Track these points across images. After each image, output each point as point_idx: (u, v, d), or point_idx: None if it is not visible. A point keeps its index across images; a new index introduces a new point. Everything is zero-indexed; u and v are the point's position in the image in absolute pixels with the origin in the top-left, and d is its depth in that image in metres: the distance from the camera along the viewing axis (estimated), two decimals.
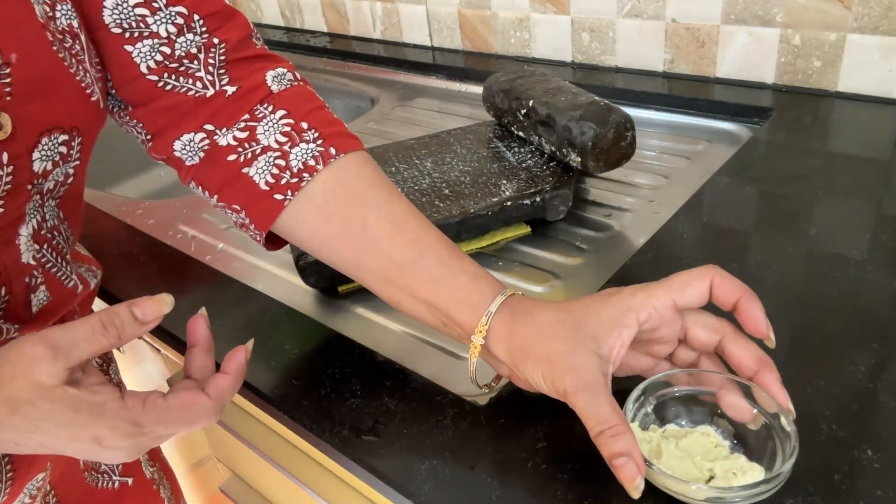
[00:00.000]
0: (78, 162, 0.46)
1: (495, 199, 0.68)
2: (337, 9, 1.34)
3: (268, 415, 0.55)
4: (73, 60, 0.43)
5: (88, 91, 0.44)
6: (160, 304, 0.38)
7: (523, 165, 0.73)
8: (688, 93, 0.90)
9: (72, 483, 0.56)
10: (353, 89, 1.20)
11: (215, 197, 0.51)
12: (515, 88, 0.78)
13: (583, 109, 0.69)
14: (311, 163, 0.48)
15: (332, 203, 0.48)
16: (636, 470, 0.37)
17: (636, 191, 0.75)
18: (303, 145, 0.48)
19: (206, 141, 0.49)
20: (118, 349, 0.57)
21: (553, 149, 0.72)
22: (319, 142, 0.49)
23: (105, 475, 0.60)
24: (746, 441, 0.41)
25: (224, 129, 0.49)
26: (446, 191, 0.70)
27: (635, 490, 0.37)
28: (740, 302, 0.41)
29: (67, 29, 0.43)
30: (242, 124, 0.49)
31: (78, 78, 0.43)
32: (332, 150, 0.48)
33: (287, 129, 0.49)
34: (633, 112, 0.90)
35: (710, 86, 0.91)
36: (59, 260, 0.48)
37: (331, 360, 0.55)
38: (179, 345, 0.61)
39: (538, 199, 0.68)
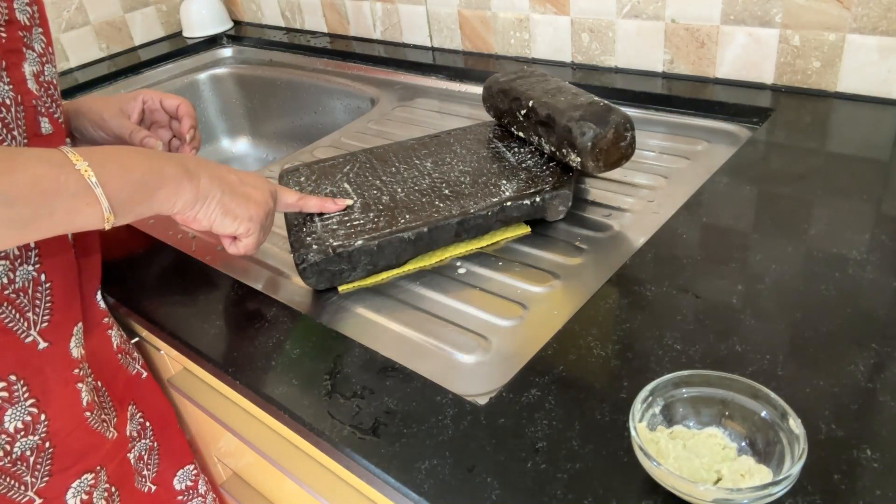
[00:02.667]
0: (41, 29, 0.58)
1: (495, 199, 0.68)
2: (337, 9, 1.34)
3: (268, 414, 0.55)
4: None
5: None
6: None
7: (523, 166, 0.74)
8: (687, 93, 0.90)
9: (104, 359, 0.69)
10: (353, 89, 1.20)
11: None
12: (515, 89, 0.78)
13: (582, 110, 0.69)
14: None
15: None
16: None
17: (636, 191, 0.75)
18: None
19: None
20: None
21: (553, 149, 0.72)
22: None
23: (131, 359, 0.74)
24: (755, 443, 0.41)
25: None
26: (446, 191, 0.70)
27: None
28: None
29: None
30: None
31: None
32: None
33: None
34: (633, 112, 0.90)
35: (710, 86, 0.91)
36: (56, 108, 0.60)
37: (331, 360, 0.55)
38: (180, 345, 0.61)
39: (538, 199, 0.68)
